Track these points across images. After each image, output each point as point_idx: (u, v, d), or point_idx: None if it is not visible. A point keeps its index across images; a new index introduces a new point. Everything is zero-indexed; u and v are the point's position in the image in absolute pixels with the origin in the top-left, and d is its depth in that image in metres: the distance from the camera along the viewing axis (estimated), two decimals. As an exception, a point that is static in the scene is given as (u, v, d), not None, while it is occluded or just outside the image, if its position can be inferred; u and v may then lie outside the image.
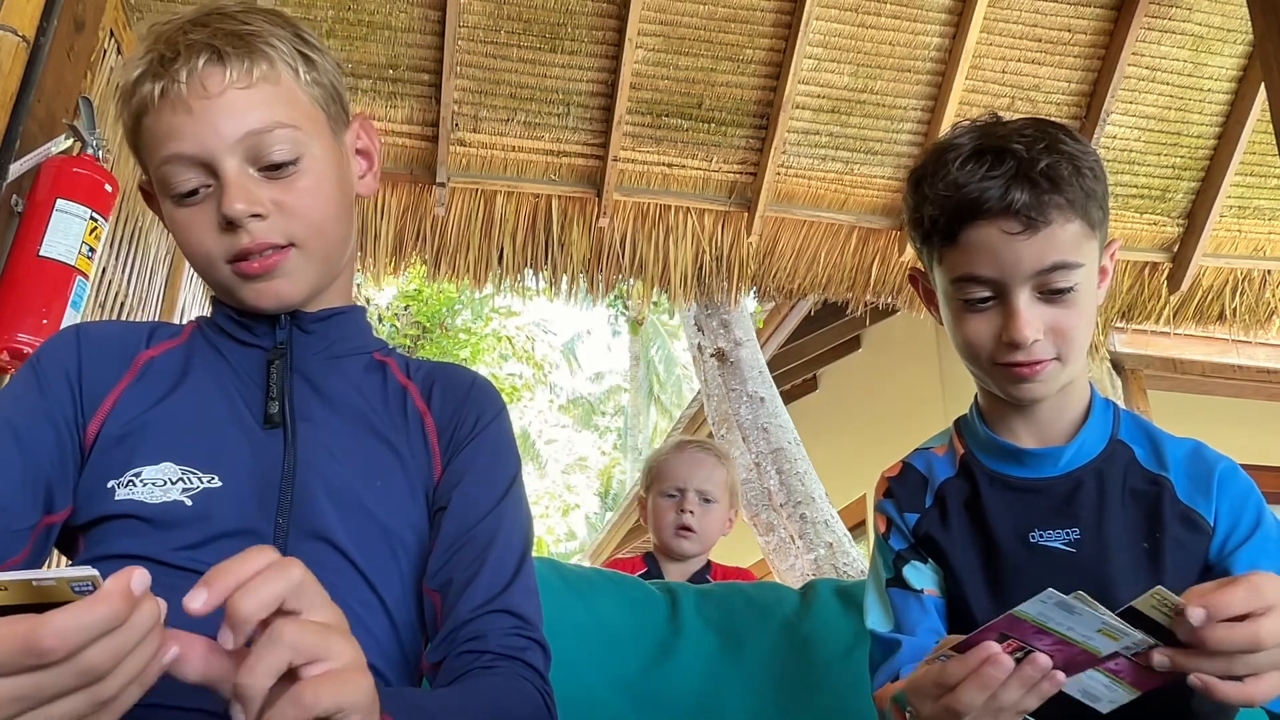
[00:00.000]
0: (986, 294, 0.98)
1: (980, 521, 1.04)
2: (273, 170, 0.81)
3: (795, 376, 7.29)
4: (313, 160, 0.84)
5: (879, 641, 1.04)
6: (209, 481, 0.78)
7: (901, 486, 1.12)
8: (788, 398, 6.02)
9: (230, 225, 0.79)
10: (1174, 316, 3.33)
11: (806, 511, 4.75)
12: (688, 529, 2.21)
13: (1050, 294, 0.97)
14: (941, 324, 1.09)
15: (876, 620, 1.06)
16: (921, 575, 1.06)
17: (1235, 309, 3.31)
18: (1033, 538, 1.01)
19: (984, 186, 0.96)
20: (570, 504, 18.99)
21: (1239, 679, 0.72)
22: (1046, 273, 0.96)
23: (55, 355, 0.84)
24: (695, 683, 1.31)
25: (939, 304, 1.08)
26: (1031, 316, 0.96)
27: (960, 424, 1.14)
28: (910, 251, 2.77)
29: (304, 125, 0.83)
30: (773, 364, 5.93)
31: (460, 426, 0.89)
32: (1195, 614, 0.70)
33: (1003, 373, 1.00)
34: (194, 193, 0.80)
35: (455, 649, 0.78)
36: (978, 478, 1.06)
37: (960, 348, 1.04)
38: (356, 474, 0.83)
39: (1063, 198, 0.96)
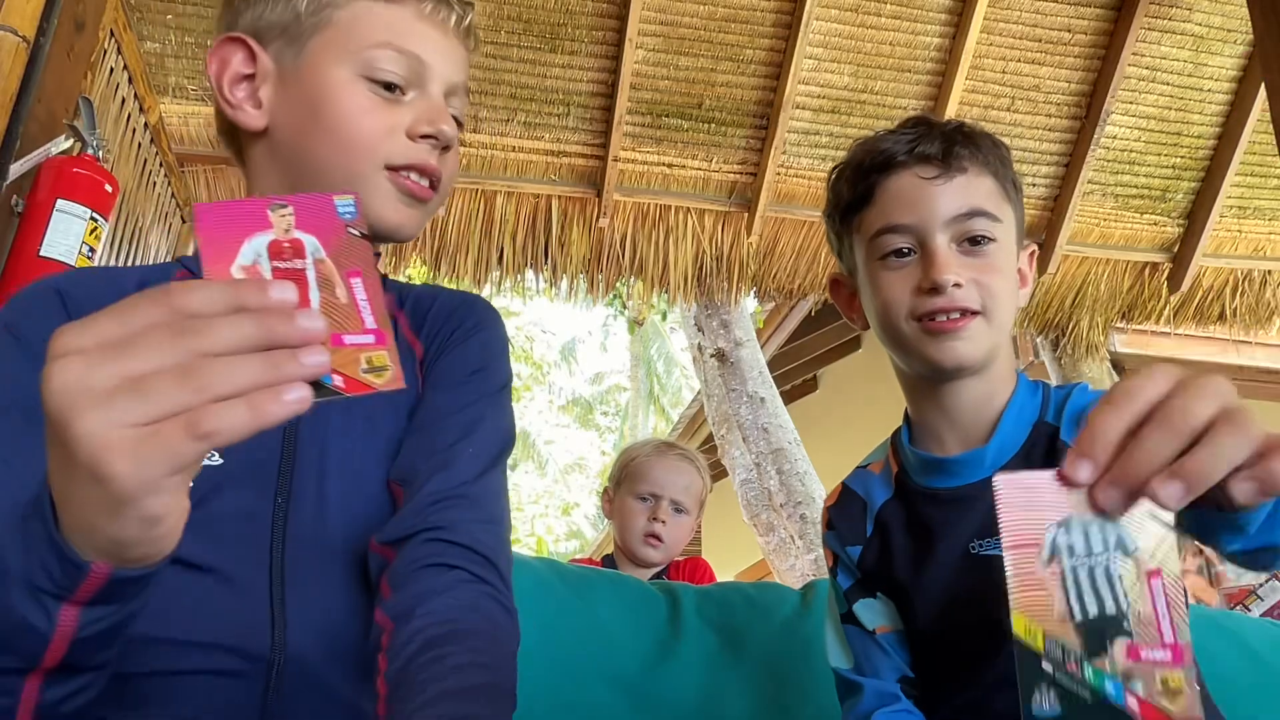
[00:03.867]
0: (905, 244, 0.96)
1: (923, 543, 0.99)
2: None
3: (795, 376, 7.30)
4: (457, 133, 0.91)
5: (841, 680, 1.03)
6: (209, 459, 0.74)
7: (841, 516, 1.07)
8: (788, 398, 6.03)
9: (427, 138, 0.83)
10: (1174, 316, 3.33)
11: (806, 512, 4.75)
12: (657, 538, 2.15)
13: (969, 245, 0.95)
14: (865, 328, 1.05)
15: (836, 658, 1.04)
16: (873, 612, 1.02)
17: (1235, 309, 3.31)
18: (974, 549, 0.95)
19: (897, 140, 0.98)
20: (570, 503, 19.01)
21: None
22: (965, 218, 0.94)
23: (38, 323, 0.75)
24: (695, 683, 1.31)
25: (860, 296, 1.04)
26: (950, 261, 0.94)
27: (895, 438, 1.08)
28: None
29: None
30: (773, 364, 5.94)
31: (447, 337, 0.89)
32: (1078, 468, 0.47)
33: (924, 332, 0.95)
34: (391, 89, 0.83)
35: (419, 534, 0.74)
36: (913, 498, 1.01)
37: (879, 316, 0.99)
38: (357, 440, 0.80)
39: (975, 150, 0.97)
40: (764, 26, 2.77)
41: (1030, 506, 0.44)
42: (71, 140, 1.78)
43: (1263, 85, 2.41)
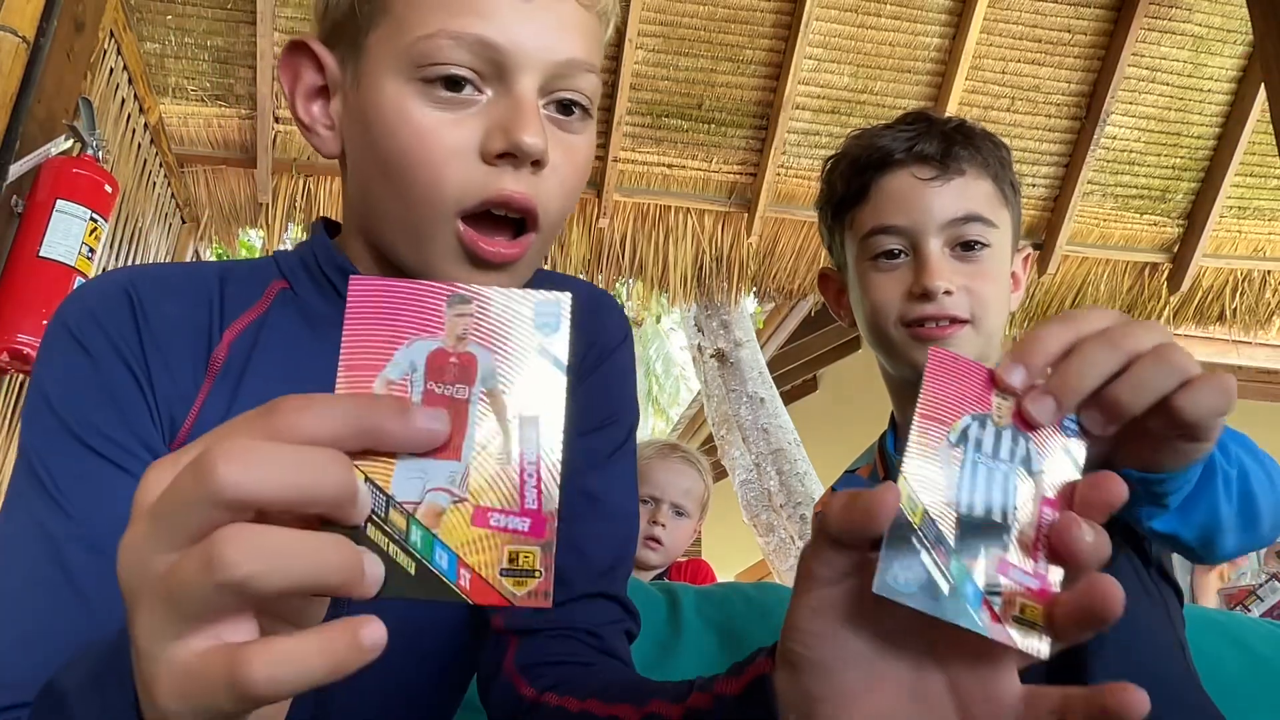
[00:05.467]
0: (897, 246, 0.94)
1: None
2: (562, 113, 0.64)
3: (795, 376, 7.29)
4: (590, 126, 0.67)
5: None
6: None
7: None
8: (788, 398, 6.02)
9: (506, 157, 0.60)
10: (1174, 317, 3.33)
11: (806, 512, 4.75)
12: (656, 540, 2.15)
13: (963, 250, 0.93)
14: (852, 326, 1.04)
15: None
16: None
17: (1235, 309, 3.31)
18: None
19: (895, 136, 0.96)
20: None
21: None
22: (960, 223, 0.92)
23: (106, 333, 0.62)
24: (695, 683, 1.30)
25: (848, 293, 1.02)
26: (943, 267, 0.92)
27: (881, 442, 1.06)
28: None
29: (600, 85, 0.68)
30: (773, 364, 5.94)
31: (583, 355, 0.75)
32: (1012, 371, 0.43)
33: (912, 338, 0.93)
34: (457, 86, 0.60)
35: (597, 596, 0.73)
36: None
37: (867, 318, 0.97)
38: None
39: (975, 151, 0.95)
40: (764, 27, 2.78)
41: (956, 389, 0.43)
42: (71, 140, 1.78)
43: (1263, 85, 2.41)
